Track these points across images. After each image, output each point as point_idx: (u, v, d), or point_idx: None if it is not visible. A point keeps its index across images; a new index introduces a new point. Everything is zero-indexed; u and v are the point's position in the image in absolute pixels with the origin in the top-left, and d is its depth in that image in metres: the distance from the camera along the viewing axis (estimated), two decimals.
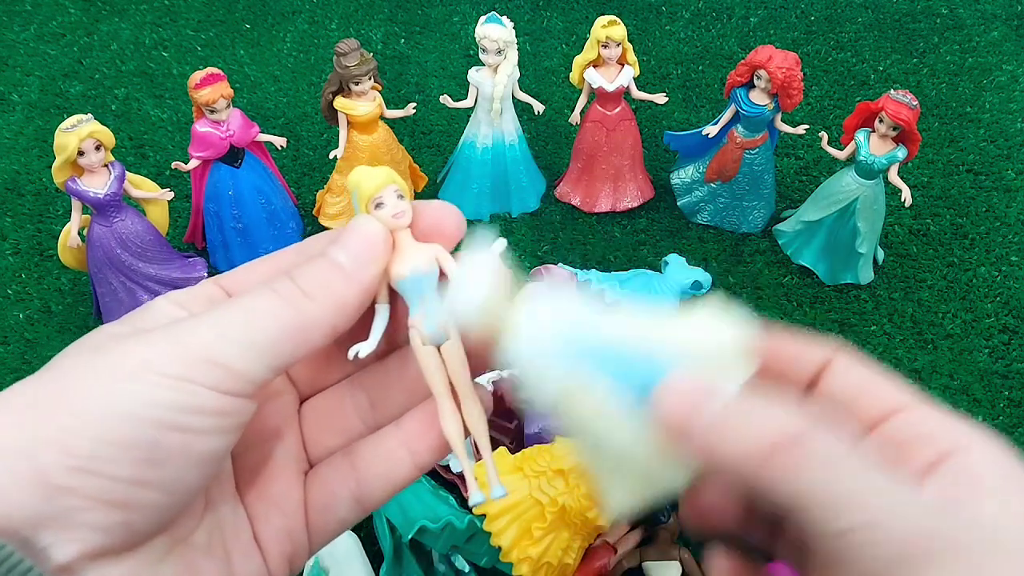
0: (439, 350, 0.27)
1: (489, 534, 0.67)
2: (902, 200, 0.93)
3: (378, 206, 0.27)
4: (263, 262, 0.28)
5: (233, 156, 0.95)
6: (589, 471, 0.26)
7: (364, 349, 0.27)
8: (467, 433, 0.28)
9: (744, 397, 0.23)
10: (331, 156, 1.00)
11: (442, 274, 0.28)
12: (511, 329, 0.26)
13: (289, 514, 0.28)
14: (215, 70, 0.90)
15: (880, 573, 0.20)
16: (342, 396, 0.30)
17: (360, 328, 0.27)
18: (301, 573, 0.72)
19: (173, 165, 0.96)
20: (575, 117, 1.05)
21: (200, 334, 0.24)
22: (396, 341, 0.29)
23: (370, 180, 0.27)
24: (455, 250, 0.28)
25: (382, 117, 0.99)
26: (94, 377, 0.23)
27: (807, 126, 1.01)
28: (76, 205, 0.87)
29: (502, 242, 0.28)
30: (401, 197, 0.28)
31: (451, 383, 0.28)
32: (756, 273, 1.01)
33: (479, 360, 0.28)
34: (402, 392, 0.29)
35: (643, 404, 0.24)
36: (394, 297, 0.28)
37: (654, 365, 0.24)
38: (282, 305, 0.25)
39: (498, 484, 0.29)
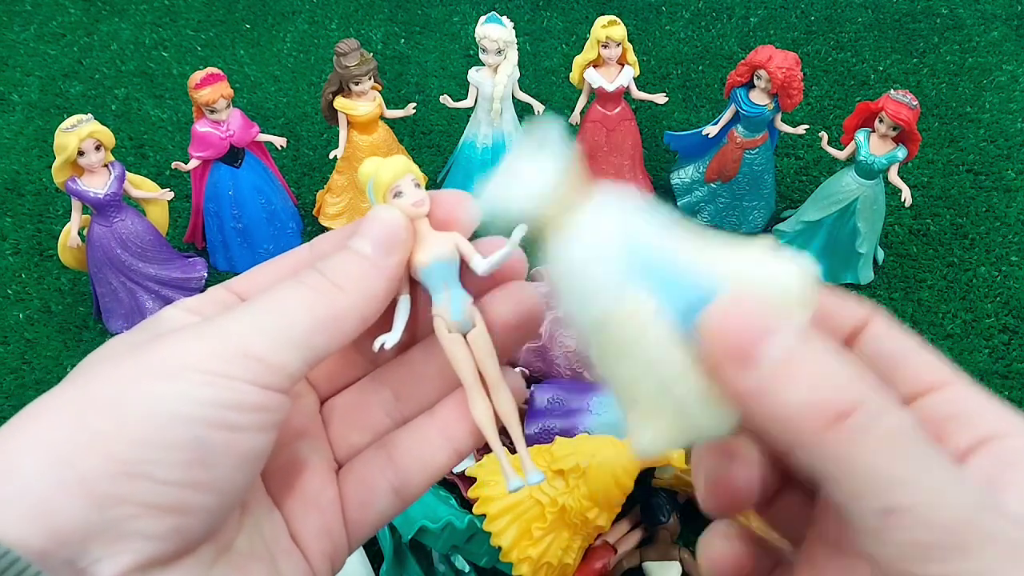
0: (465, 338, 0.27)
1: (489, 534, 0.67)
2: (902, 200, 0.93)
3: (397, 195, 0.27)
4: (272, 264, 0.28)
5: (233, 156, 0.95)
6: (621, 403, 0.23)
7: (390, 340, 0.27)
8: (498, 421, 0.28)
9: (811, 344, 0.20)
10: (331, 156, 1.00)
11: (463, 263, 0.27)
12: (568, 226, 0.23)
13: (326, 512, 0.28)
14: (215, 70, 0.91)
15: (919, 556, 0.19)
16: (364, 393, 0.30)
17: (380, 321, 0.27)
18: None
19: (173, 165, 0.96)
20: (575, 117, 1.05)
21: (235, 330, 0.23)
22: (417, 332, 0.29)
23: (388, 169, 0.27)
24: (471, 239, 0.28)
25: (382, 117, 0.99)
26: (129, 379, 0.22)
27: (807, 126, 1.01)
28: (76, 205, 0.87)
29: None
30: (418, 186, 0.27)
31: (479, 372, 0.27)
32: None
33: (505, 348, 0.28)
34: (428, 383, 0.29)
35: (694, 332, 0.21)
36: (414, 287, 0.28)
37: (712, 292, 0.21)
38: (314, 297, 0.24)
39: (534, 470, 0.29)
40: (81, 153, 0.82)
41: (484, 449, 0.39)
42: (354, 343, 0.26)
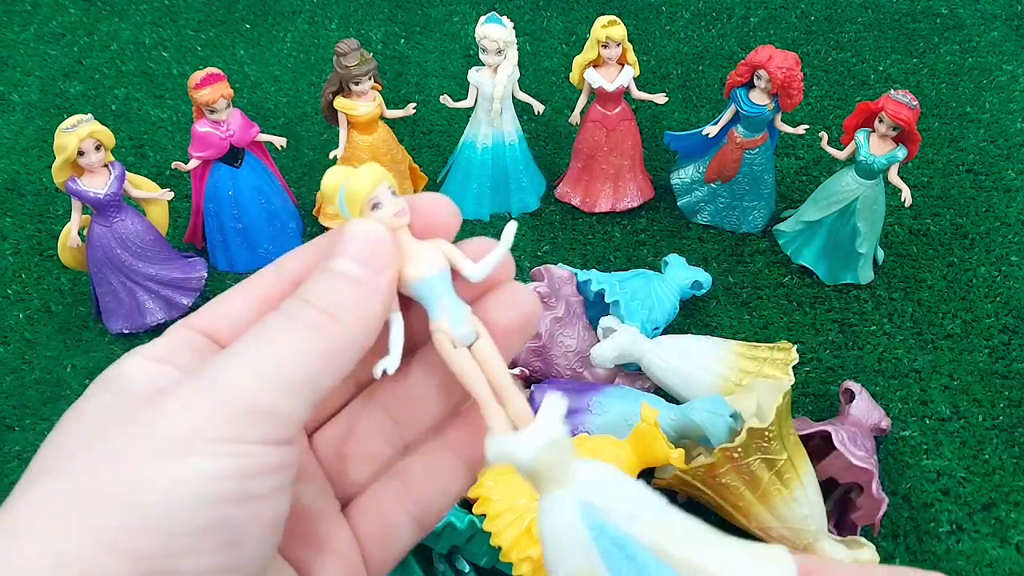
0: (470, 350, 0.25)
1: (489, 534, 0.67)
2: (902, 200, 0.93)
3: (375, 207, 0.25)
4: (237, 295, 0.25)
5: (233, 156, 0.95)
6: None
7: (391, 365, 0.25)
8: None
9: None
10: (331, 156, 1.00)
11: (454, 271, 0.26)
12: (556, 502, 0.23)
13: (344, 555, 0.25)
14: (215, 70, 0.91)
15: None
16: (356, 420, 0.27)
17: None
18: None
19: (173, 165, 0.96)
20: (575, 117, 1.05)
21: (235, 383, 0.21)
22: (407, 349, 0.27)
23: (363, 180, 0.25)
24: (453, 242, 0.27)
25: (382, 117, 0.99)
26: (134, 462, 0.19)
27: (807, 126, 1.01)
28: (76, 205, 0.87)
29: (512, 225, 0.26)
30: (394, 193, 0.25)
31: (490, 383, 0.26)
32: (756, 273, 1.01)
33: (507, 353, 0.26)
34: (427, 403, 0.27)
35: None
36: (403, 303, 0.26)
37: None
38: (308, 333, 0.22)
39: None
40: (81, 153, 0.82)
41: None
42: None
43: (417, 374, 0.27)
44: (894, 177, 0.92)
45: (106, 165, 0.86)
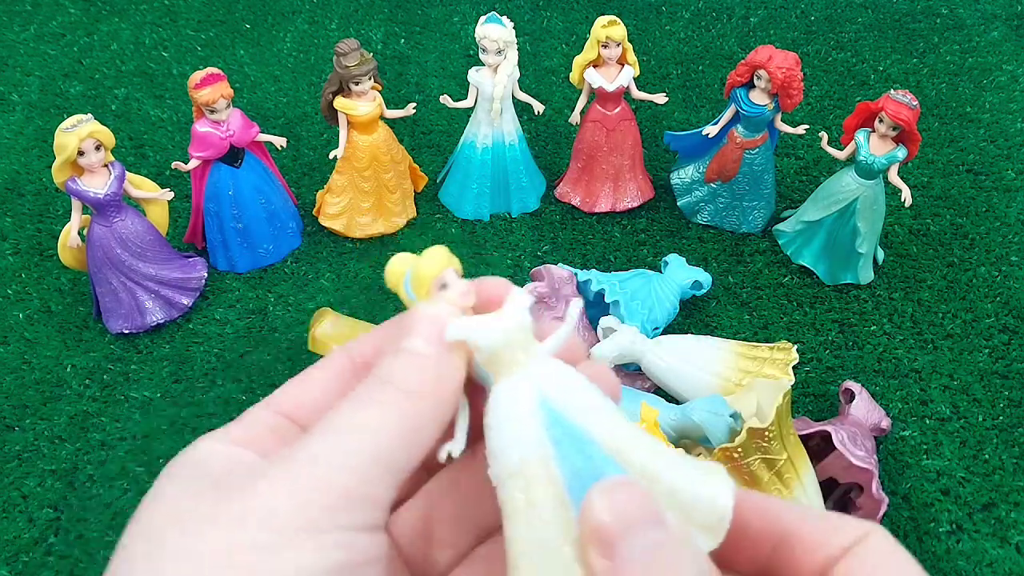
0: None
1: None
2: (902, 200, 0.93)
3: (442, 287, 0.25)
4: (313, 378, 0.25)
5: (233, 156, 0.95)
6: (507, 555, 0.23)
7: (456, 448, 0.24)
8: None
9: (668, 549, 0.20)
10: (331, 156, 1.00)
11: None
12: (509, 378, 0.24)
13: None
14: (215, 70, 0.90)
15: None
16: (432, 504, 0.26)
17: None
18: None
19: (173, 165, 0.96)
20: (575, 117, 1.05)
21: (331, 463, 0.20)
22: (477, 436, 0.26)
23: (430, 263, 0.25)
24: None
25: (382, 117, 0.99)
26: (237, 548, 0.19)
27: (807, 126, 1.01)
28: (76, 205, 0.87)
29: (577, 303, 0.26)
30: (459, 275, 0.26)
31: None
32: (756, 273, 1.01)
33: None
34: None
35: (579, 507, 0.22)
36: (469, 386, 0.26)
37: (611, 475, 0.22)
38: (389, 411, 0.22)
39: None
40: (81, 153, 0.82)
41: None
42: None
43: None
44: (894, 177, 0.92)
45: (106, 165, 0.86)
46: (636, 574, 0.20)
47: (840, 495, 0.76)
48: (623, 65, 0.99)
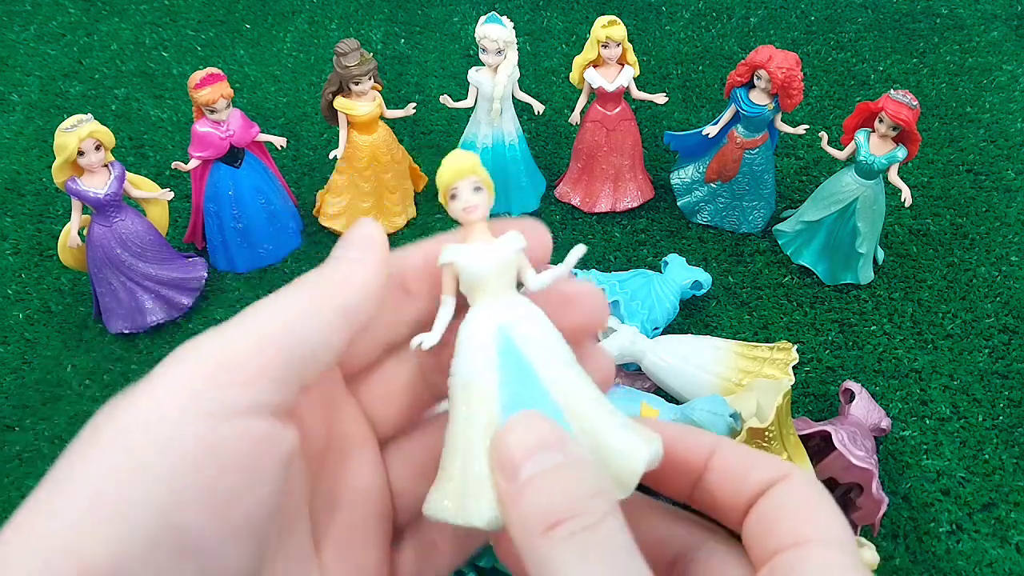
0: None
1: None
2: (902, 200, 0.93)
3: (452, 198, 0.28)
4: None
5: (233, 156, 0.95)
6: (442, 460, 0.26)
7: (428, 340, 0.27)
8: None
9: (561, 464, 0.22)
10: (331, 156, 1.00)
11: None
12: (485, 304, 0.27)
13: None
14: (215, 70, 0.90)
15: None
16: (394, 372, 0.29)
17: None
18: None
19: (173, 165, 0.96)
20: (575, 117, 1.05)
21: (234, 342, 0.22)
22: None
23: (447, 169, 0.28)
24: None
25: (382, 117, 0.99)
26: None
27: (807, 126, 1.01)
28: (76, 205, 0.87)
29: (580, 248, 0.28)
30: (478, 190, 0.28)
31: None
32: (756, 273, 1.01)
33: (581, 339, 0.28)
34: None
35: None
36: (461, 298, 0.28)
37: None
38: (299, 295, 0.24)
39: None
40: (81, 153, 0.82)
41: None
42: (426, 381, 0.28)
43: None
44: (894, 177, 0.92)
45: (106, 165, 0.86)
46: (534, 493, 0.22)
47: (840, 495, 0.76)
48: (623, 65, 0.99)
